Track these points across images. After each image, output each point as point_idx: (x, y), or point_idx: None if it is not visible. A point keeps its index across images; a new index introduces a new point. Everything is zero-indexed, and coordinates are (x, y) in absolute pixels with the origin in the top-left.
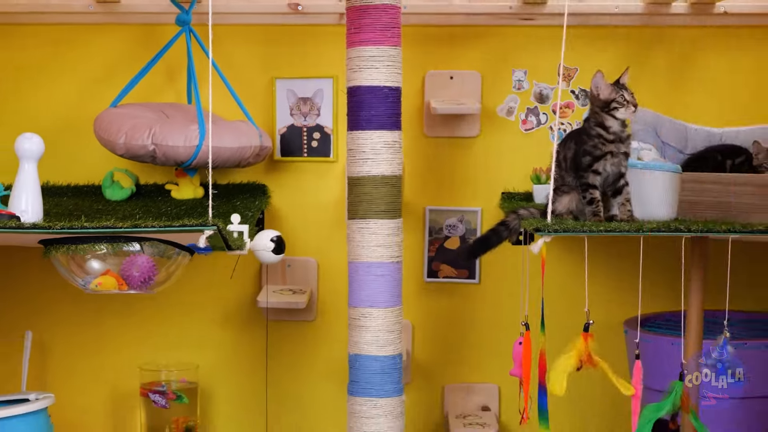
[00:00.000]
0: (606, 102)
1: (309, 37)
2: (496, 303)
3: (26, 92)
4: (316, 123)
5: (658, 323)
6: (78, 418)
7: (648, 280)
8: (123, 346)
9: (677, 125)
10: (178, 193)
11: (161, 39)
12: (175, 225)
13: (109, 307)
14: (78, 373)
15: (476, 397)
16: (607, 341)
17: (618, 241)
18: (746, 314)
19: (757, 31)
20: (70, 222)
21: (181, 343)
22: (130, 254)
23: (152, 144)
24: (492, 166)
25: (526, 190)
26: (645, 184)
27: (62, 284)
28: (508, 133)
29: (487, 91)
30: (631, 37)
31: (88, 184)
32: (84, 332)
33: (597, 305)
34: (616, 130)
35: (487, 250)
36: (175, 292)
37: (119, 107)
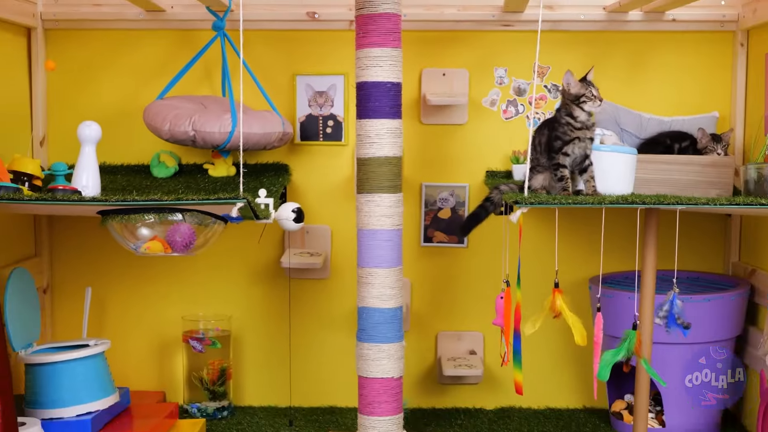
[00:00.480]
0: (576, 96)
1: (324, 40)
2: (482, 264)
3: (87, 86)
4: (330, 113)
5: (617, 281)
6: (130, 360)
7: (609, 244)
8: (167, 300)
9: (633, 114)
10: (214, 171)
11: (199, 42)
12: (211, 198)
13: (156, 268)
14: (130, 323)
15: (464, 342)
16: (575, 296)
17: (584, 212)
18: (691, 273)
19: (700, 35)
20: (124, 196)
21: (217, 298)
22: (174, 223)
23: (192, 130)
24: (478, 148)
25: (506, 169)
26: (606, 164)
27: (117, 248)
28: (492, 121)
29: (474, 85)
30: (594, 41)
31: (139, 164)
32: (135, 288)
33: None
34: (583, 119)
35: (477, 223)
36: (212, 254)
37: (164, 99)
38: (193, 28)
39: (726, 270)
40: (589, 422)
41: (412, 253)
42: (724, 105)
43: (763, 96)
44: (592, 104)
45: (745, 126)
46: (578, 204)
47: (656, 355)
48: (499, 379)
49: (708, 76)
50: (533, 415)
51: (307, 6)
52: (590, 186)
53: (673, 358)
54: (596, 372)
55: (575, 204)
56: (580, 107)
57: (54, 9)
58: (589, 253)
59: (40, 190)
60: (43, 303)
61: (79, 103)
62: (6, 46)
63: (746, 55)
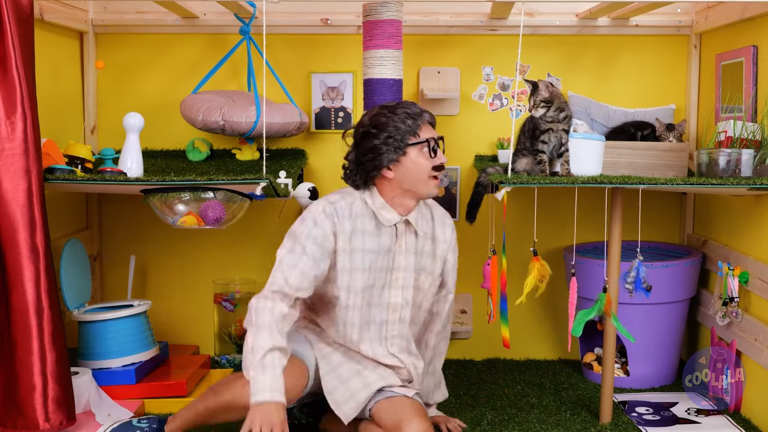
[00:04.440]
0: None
1: (336, 42)
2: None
3: (131, 82)
4: (341, 105)
5: (588, 250)
6: (168, 318)
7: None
8: (200, 266)
9: (602, 107)
10: (241, 155)
11: (228, 44)
12: (238, 179)
13: (191, 238)
14: (168, 286)
15: (456, 303)
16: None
17: (559, 191)
18: (651, 243)
19: (659, 39)
20: (163, 176)
21: (243, 264)
22: (206, 200)
23: (222, 120)
24: (468, 136)
25: (492, 153)
26: (579, 150)
27: (157, 221)
28: (480, 112)
29: (464, 81)
30: (568, 43)
31: (176, 149)
32: (172, 256)
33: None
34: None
35: (478, 207)
36: (238, 227)
37: (198, 93)
38: (222, 32)
39: (682, 240)
40: (564, 372)
41: None
42: (680, 98)
43: (713, 91)
44: (534, 111)
45: (698, 116)
46: (554, 184)
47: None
48: (486, 335)
49: (666, 73)
50: (516, 365)
51: (321, 13)
52: (564, 168)
53: (637, 317)
54: (571, 328)
55: (552, 184)
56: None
57: (103, 16)
58: (564, 226)
59: (91, 172)
60: (93, 269)
61: (125, 97)
62: (62, 48)
63: (699, 55)
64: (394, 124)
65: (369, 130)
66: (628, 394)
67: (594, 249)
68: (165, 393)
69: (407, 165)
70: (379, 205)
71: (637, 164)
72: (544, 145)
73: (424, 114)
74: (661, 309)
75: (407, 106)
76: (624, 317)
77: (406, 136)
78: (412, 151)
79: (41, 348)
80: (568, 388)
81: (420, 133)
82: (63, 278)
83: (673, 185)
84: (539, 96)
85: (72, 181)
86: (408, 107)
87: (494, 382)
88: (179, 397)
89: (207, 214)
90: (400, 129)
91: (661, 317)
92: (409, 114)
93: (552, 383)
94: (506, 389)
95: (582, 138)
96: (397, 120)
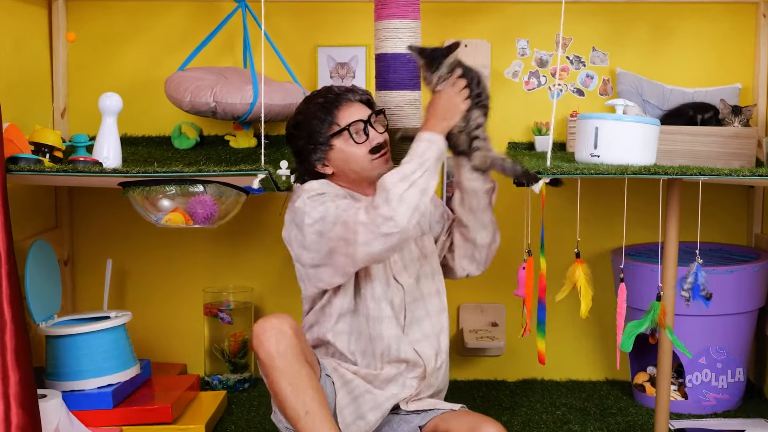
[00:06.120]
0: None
1: (346, 11)
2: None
3: (108, 58)
4: (351, 84)
5: (639, 252)
6: (151, 332)
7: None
8: (188, 271)
9: (656, 86)
10: (236, 142)
11: (221, 13)
12: (232, 170)
13: (177, 239)
14: (151, 295)
15: (486, 314)
16: (597, 268)
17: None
18: (713, 245)
19: (723, 6)
20: (145, 167)
21: (238, 270)
22: (195, 194)
23: (213, 101)
24: (500, 120)
25: (528, 141)
26: (629, 135)
27: (138, 220)
28: (514, 92)
29: (496, 57)
30: (618, 12)
31: (160, 135)
32: (156, 260)
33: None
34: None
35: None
36: (232, 226)
37: (186, 71)
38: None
39: (749, 242)
40: (611, 394)
41: None
42: (747, 76)
43: None
44: None
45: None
46: (601, 174)
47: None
48: (520, 351)
49: (731, 47)
50: (555, 386)
51: None
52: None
53: (694, 330)
54: (619, 343)
55: (597, 174)
56: None
57: None
58: (612, 224)
59: (61, 162)
60: (63, 275)
61: (100, 75)
62: (27, 18)
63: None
64: (309, 120)
65: (291, 132)
66: (687, 420)
67: (646, 251)
68: (147, 419)
69: (338, 157)
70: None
71: (698, 152)
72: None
73: (344, 95)
74: (724, 321)
75: (322, 94)
76: (680, 330)
77: (324, 129)
78: (338, 142)
79: (3, 367)
80: (616, 413)
81: (339, 120)
82: (28, 286)
83: (739, 177)
84: None
85: (39, 172)
86: (323, 95)
87: (530, 406)
88: (163, 424)
89: (196, 211)
90: (314, 124)
91: (724, 330)
92: (323, 104)
93: (598, 408)
94: (544, 415)
95: (633, 122)
96: (310, 114)
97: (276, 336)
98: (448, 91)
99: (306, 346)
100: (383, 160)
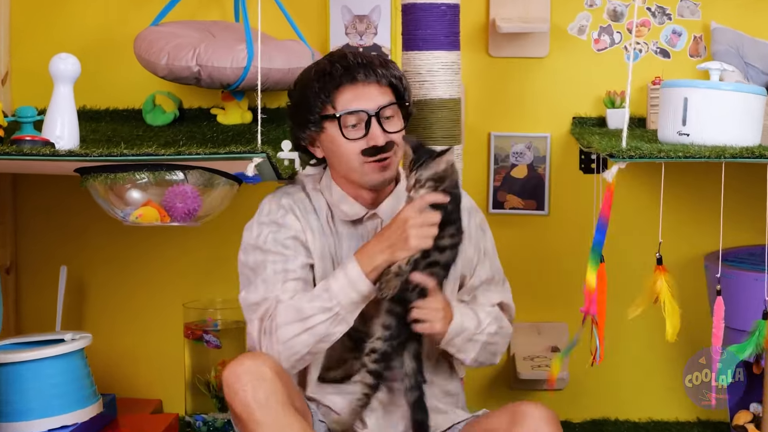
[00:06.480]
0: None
1: None
2: (566, 235)
3: (62, 11)
4: (372, 43)
5: (740, 258)
6: (117, 360)
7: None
8: (165, 282)
9: (761, 45)
10: (225, 117)
11: None
12: (221, 152)
13: (151, 241)
14: (117, 312)
15: (545, 337)
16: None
17: (696, 169)
18: None
19: None
20: (109, 149)
21: (227, 279)
22: (173, 184)
23: (197, 65)
24: (562, 88)
25: (598, 115)
26: (727, 108)
27: (100, 216)
28: (580, 53)
29: (557, 7)
30: None
31: (128, 108)
32: (123, 267)
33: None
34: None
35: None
36: (221, 224)
37: (161, 25)
38: None
39: None
40: None
41: None
42: None
43: None
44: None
45: None
46: (691, 158)
47: None
48: (588, 384)
49: None
50: (633, 428)
51: None
52: None
53: None
54: (715, 373)
55: (687, 158)
56: None
57: None
58: (705, 222)
59: (2, 142)
60: (5, 286)
61: (52, 32)
62: None
63: None
64: (304, 89)
65: (289, 92)
66: None
67: (750, 257)
68: None
69: (328, 146)
70: (337, 197)
71: None
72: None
73: (356, 71)
74: None
75: (334, 60)
76: None
77: (316, 107)
78: (330, 128)
79: None
80: None
81: (336, 103)
82: None
83: None
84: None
85: None
86: (334, 61)
87: None
88: None
89: (174, 204)
90: (308, 95)
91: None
92: (324, 75)
93: None
94: None
95: (732, 90)
96: (308, 82)
97: (253, 382)
98: (411, 213)
99: (292, 388)
100: (377, 166)
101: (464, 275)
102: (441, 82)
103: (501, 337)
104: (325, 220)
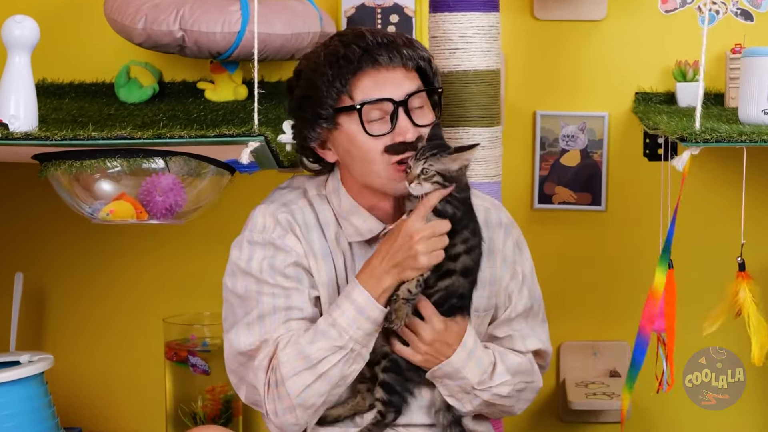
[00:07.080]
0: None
1: None
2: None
3: None
4: (393, 2)
5: None
6: (84, 386)
7: None
8: (142, 292)
9: None
10: (214, 93)
11: None
12: (209, 135)
13: (125, 243)
14: (83, 328)
15: (602, 358)
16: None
17: None
18: None
19: None
20: (74, 131)
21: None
22: (152, 173)
23: (180, 29)
24: (623, 58)
25: (666, 90)
26: None
27: (64, 212)
28: (644, 14)
29: None
30: None
31: (97, 81)
32: (91, 275)
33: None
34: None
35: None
36: (210, 222)
37: None
38: None
39: None
40: None
41: (519, 219)
42: None
43: None
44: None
45: None
46: None
47: None
48: (654, 415)
49: None
50: None
51: None
52: None
53: None
54: None
55: None
56: None
57: None
58: None
59: None
60: None
61: None
62: None
63: None
64: (313, 76)
65: (291, 80)
66: None
67: None
68: None
69: (343, 145)
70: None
71: None
72: None
73: (377, 52)
74: None
75: (347, 41)
76: None
77: (329, 98)
78: (346, 123)
79: None
80: None
81: (354, 92)
82: None
83: None
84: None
85: None
86: (347, 42)
87: None
88: None
89: (153, 198)
90: (318, 84)
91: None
92: (339, 59)
93: None
94: None
95: None
96: (318, 67)
97: None
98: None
99: None
100: (402, 168)
101: (497, 306)
102: (476, 50)
103: (519, 399)
104: (333, 237)
